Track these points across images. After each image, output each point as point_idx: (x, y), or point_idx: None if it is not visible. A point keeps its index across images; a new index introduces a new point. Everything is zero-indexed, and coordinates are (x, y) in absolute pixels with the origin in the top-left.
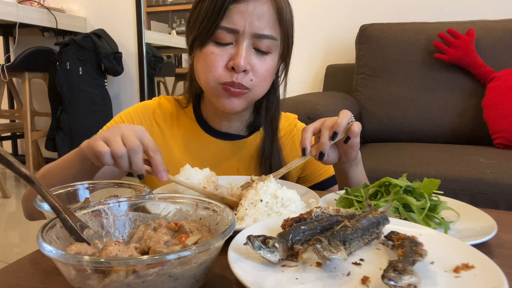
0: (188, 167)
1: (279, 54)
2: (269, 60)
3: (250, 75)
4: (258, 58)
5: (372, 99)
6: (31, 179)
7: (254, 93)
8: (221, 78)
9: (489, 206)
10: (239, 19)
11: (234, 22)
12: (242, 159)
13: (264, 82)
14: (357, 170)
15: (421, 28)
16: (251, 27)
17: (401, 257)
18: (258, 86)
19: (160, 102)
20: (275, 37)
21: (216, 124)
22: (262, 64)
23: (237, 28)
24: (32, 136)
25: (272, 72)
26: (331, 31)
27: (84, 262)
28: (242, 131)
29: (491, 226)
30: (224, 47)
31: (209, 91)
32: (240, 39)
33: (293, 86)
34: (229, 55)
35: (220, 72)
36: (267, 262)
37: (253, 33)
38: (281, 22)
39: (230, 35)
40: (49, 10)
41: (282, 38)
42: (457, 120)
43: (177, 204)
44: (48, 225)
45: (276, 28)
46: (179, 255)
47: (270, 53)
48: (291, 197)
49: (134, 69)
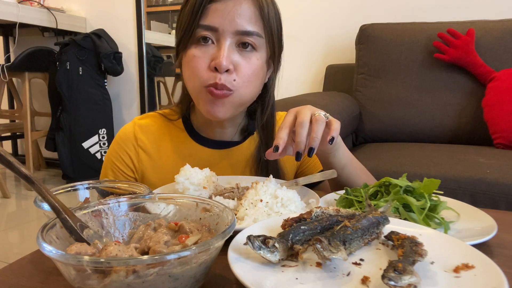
0: (188, 167)
1: (267, 54)
2: (254, 59)
3: (234, 75)
4: (242, 57)
5: (372, 99)
6: (31, 179)
7: (238, 96)
8: (205, 80)
9: (489, 206)
10: (217, 17)
11: (212, 20)
12: (236, 166)
13: (248, 83)
14: (339, 155)
15: (421, 28)
16: (232, 24)
17: (401, 257)
18: (242, 88)
19: (140, 125)
20: (259, 33)
21: (209, 133)
22: (246, 63)
23: (215, 26)
24: (32, 136)
25: (259, 73)
26: (331, 31)
27: (84, 262)
28: (236, 136)
29: (491, 226)
30: (205, 48)
31: (195, 96)
32: (221, 38)
33: (293, 86)
34: (211, 55)
35: (204, 74)
36: (267, 262)
37: (235, 30)
38: (264, 19)
39: (210, 34)
40: (49, 10)
41: (267, 37)
42: (457, 120)
43: (177, 204)
44: (48, 225)
45: (259, 24)
46: (179, 255)
47: (255, 51)
48: (291, 197)
49: (134, 69)
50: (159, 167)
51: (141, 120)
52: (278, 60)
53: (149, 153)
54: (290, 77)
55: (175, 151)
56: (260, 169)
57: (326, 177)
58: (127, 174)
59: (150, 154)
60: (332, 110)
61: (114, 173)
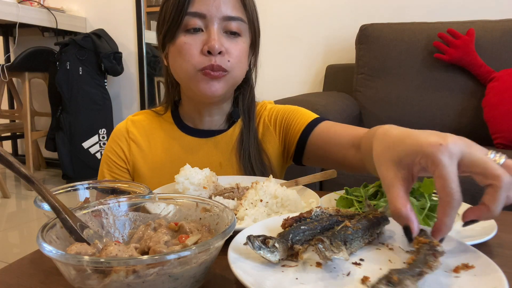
0: (188, 167)
1: (250, 39)
2: (241, 42)
3: (227, 57)
4: (230, 41)
5: (372, 99)
6: (31, 179)
7: (233, 75)
8: (199, 64)
9: None
10: (204, 4)
11: (200, 7)
12: (224, 153)
13: (240, 63)
14: None
15: (421, 28)
16: (218, 10)
17: (409, 265)
18: (236, 68)
19: (133, 120)
20: (243, 19)
21: (197, 123)
22: (235, 46)
23: (203, 13)
24: (32, 136)
25: (245, 55)
26: (331, 31)
27: (84, 262)
28: (223, 125)
29: (491, 226)
30: (195, 35)
31: (189, 81)
32: (209, 24)
33: (293, 86)
34: (202, 41)
35: (197, 58)
36: (267, 262)
37: (222, 16)
38: (246, 8)
39: (198, 21)
40: (49, 10)
41: (249, 23)
42: (457, 120)
43: (177, 204)
44: (48, 225)
45: (242, 11)
46: (179, 255)
47: (240, 35)
48: (291, 197)
49: (134, 69)
50: (149, 157)
51: (134, 117)
52: (257, 48)
53: (140, 145)
54: (290, 77)
55: (164, 142)
56: (242, 153)
57: (326, 177)
58: (119, 165)
59: (141, 146)
60: (332, 110)
61: (108, 166)
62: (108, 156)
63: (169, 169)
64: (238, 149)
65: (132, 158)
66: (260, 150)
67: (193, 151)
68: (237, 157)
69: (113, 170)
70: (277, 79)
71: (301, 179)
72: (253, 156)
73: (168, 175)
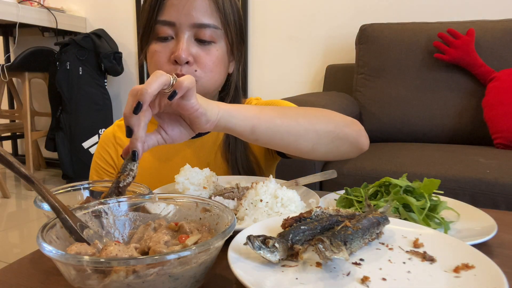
0: (188, 167)
1: (226, 46)
2: (214, 50)
3: (194, 66)
4: (201, 49)
5: (372, 99)
6: (31, 179)
7: (202, 85)
8: (167, 72)
9: (489, 206)
10: (174, 11)
11: (169, 15)
12: (211, 153)
13: (210, 73)
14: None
15: (421, 28)
16: (188, 18)
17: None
18: (204, 78)
19: (119, 125)
20: (216, 25)
21: None
22: (206, 55)
23: (172, 21)
24: (32, 136)
25: (220, 63)
26: (331, 31)
27: (84, 262)
28: None
29: (491, 226)
30: (165, 42)
31: None
32: (178, 32)
33: (293, 86)
34: (171, 49)
35: (165, 67)
36: (267, 262)
37: (191, 23)
38: (220, 11)
39: (168, 29)
40: (49, 10)
41: (225, 29)
42: (457, 120)
43: (177, 204)
44: (48, 225)
45: (216, 16)
46: (179, 255)
47: (214, 42)
48: (291, 197)
49: (134, 69)
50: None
51: (121, 121)
52: (239, 51)
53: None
54: (290, 77)
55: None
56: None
57: (326, 177)
58: (108, 171)
59: None
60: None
61: (97, 172)
62: (96, 163)
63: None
64: (224, 149)
65: (120, 163)
66: (246, 148)
67: (180, 151)
68: (224, 157)
69: (102, 176)
70: (277, 79)
71: (301, 179)
72: (240, 155)
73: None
